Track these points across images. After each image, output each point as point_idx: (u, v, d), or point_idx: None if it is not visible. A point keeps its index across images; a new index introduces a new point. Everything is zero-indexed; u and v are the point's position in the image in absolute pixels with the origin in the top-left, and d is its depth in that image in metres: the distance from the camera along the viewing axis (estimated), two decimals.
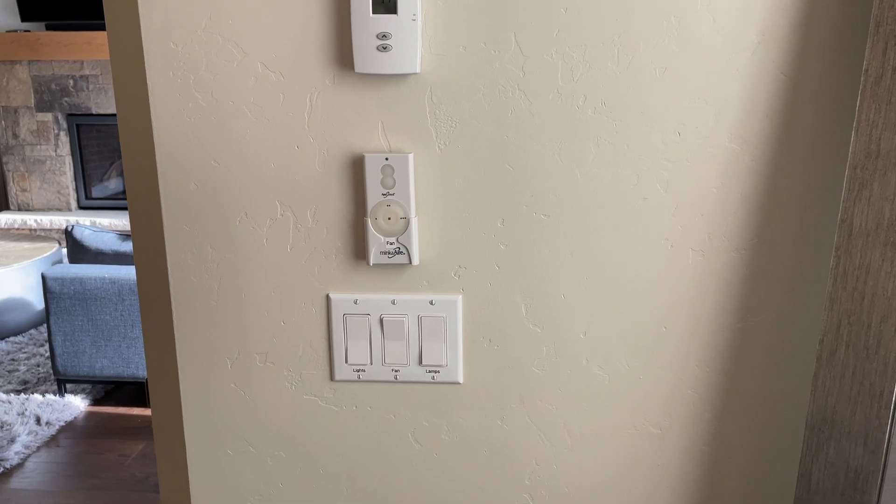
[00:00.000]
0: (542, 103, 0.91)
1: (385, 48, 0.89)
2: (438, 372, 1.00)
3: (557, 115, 0.91)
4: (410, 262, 0.95)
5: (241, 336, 1.02)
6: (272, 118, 0.94)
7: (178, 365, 1.04)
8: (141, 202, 1.01)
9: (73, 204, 6.37)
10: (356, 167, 0.94)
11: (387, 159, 0.92)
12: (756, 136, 0.89)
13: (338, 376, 1.01)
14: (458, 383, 1.01)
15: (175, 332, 1.03)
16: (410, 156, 0.92)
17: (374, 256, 0.95)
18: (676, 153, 0.91)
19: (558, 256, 0.95)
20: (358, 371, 1.01)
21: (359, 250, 0.97)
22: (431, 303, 0.98)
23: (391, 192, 0.93)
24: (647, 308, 0.96)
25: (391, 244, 0.95)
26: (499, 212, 0.94)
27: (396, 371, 1.01)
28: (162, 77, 0.94)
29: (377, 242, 0.95)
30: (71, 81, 6.09)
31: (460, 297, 0.98)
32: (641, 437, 1.00)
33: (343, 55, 0.91)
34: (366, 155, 0.93)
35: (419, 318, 0.98)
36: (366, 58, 0.89)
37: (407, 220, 0.94)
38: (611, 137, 0.91)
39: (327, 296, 0.99)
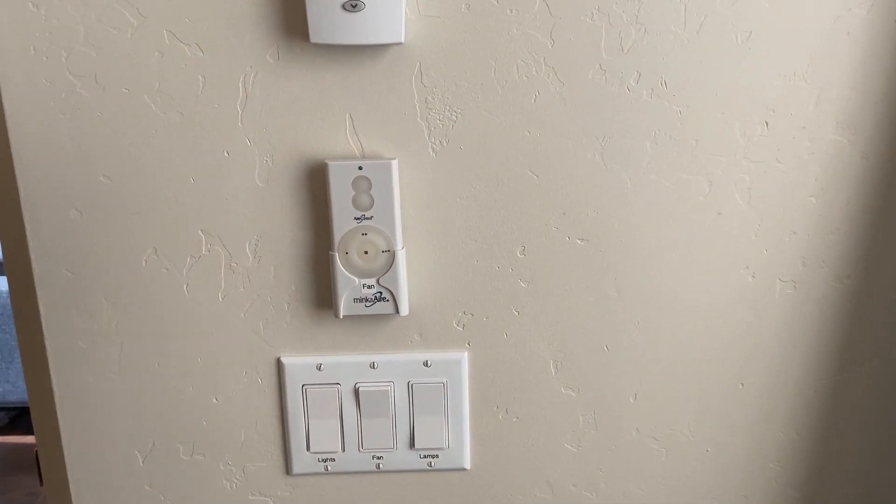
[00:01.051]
0: (578, 84, 0.64)
1: (354, 6, 0.60)
2: (437, 457, 0.73)
3: (600, 100, 0.64)
4: (397, 312, 0.67)
5: (157, 421, 0.72)
6: (188, 112, 0.64)
7: (66, 465, 0.73)
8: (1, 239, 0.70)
9: None
10: (315, 180, 0.66)
11: (360, 168, 0.64)
12: (869, 126, 0.65)
13: (297, 469, 0.73)
14: (464, 470, 0.74)
15: (59, 420, 0.72)
16: (394, 162, 0.65)
17: (345, 306, 0.67)
18: (762, 150, 0.66)
19: (600, 295, 0.69)
20: (325, 461, 0.73)
21: (322, 296, 0.69)
22: (426, 364, 0.70)
23: (367, 214, 0.65)
24: (717, 359, 0.71)
25: (369, 288, 0.67)
26: (518, 237, 0.68)
27: (379, 459, 0.73)
28: (17, 55, 0.63)
29: (349, 286, 0.67)
30: None
31: (466, 354, 0.71)
32: None
33: (292, 19, 0.62)
34: (329, 164, 0.64)
35: (409, 386, 0.71)
36: (326, 22, 0.61)
37: (391, 253, 0.66)
38: (673, 130, 0.65)
39: (278, 360, 0.71)
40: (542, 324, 0.70)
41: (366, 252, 0.66)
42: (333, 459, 0.73)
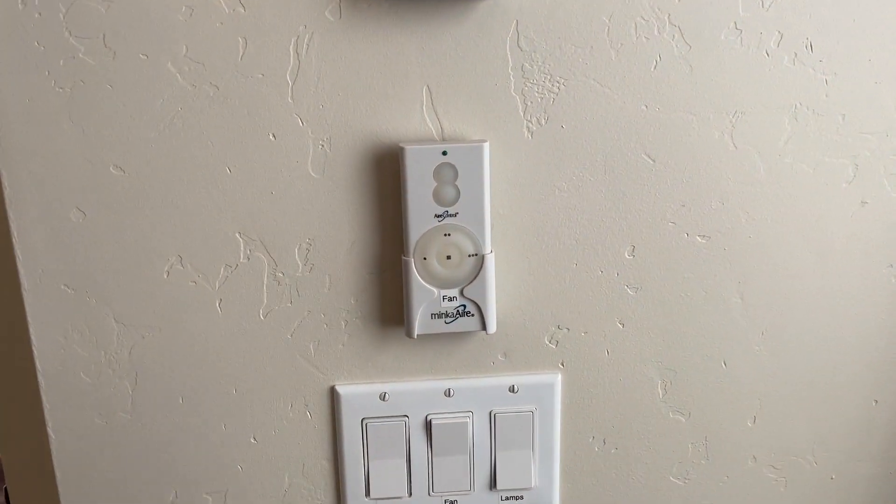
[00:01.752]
0: (708, 47, 0.52)
1: None
2: (521, 498, 0.61)
3: (733, 67, 0.53)
4: (483, 329, 0.55)
5: (180, 467, 0.59)
6: (224, 84, 0.51)
7: None
8: None
9: None
10: (384, 169, 0.53)
11: (445, 154, 0.52)
12: None
13: None
14: None
15: (56, 472, 0.58)
16: (485, 145, 0.52)
17: (420, 324, 0.54)
18: None
19: (721, 302, 0.58)
20: None
21: (387, 312, 0.56)
22: (513, 389, 0.58)
23: (452, 211, 0.53)
24: (850, 374, 0.60)
25: (450, 300, 0.54)
26: (627, 234, 0.56)
27: (453, 503, 0.61)
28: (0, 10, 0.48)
29: (427, 299, 0.54)
30: None
31: (559, 376, 0.59)
32: None
33: None
34: (406, 148, 0.51)
35: (492, 417, 0.59)
36: None
37: (479, 257, 0.54)
38: (817, 103, 0.54)
39: (332, 389, 0.58)
40: (651, 338, 0.58)
41: (448, 257, 0.53)
42: None
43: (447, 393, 0.58)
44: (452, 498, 0.61)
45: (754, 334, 0.59)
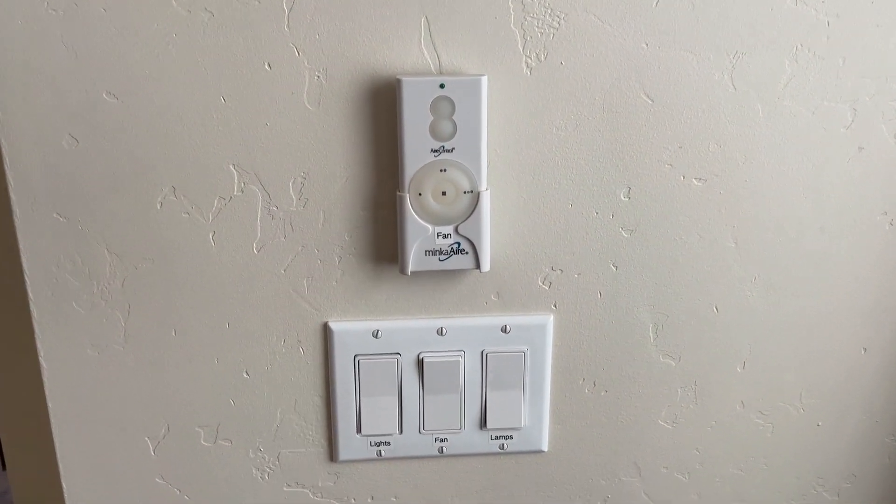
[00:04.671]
0: None
1: None
2: (511, 438, 0.62)
3: (735, 5, 0.52)
4: (477, 267, 0.55)
5: (172, 401, 0.59)
6: (218, 10, 0.50)
7: (58, 456, 0.60)
8: None
9: None
10: (380, 102, 0.53)
11: (442, 87, 0.51)
12: None
13: (343, 455, 0.61)
14: (542, 452, 0.63)
15: (48, 402, 0.58)
16: (483, 79, 0.51)
17: (414, 260, 0.54)
18: None
19: (715, 246, 0.58)
20: (378, 445, 0.61)
21: (382, 249, 0.56)
22: (505, 329, 0.59)
23: (448, 146, 0.52)
24: (841, 321, 0.61)
25: (445, 237, 0.54)
26: (623, 175, 0.56)
27: (443, 441, 0.61)
28: None
29: (421, 235, 0.54)
30: None
31: (551, 317, 0.59)
32: None
33: None
34: (403, 80, 0.51)
35: (483, 356, 0.59)
36: None
37: (474, 194, 0.53)
38: (818, 45, 0.54)
39: (325, 326, 0.58)
40: (644, 281, 0.58)
41: (443, 193, 0.53)
42: (388, 443, 0.61)
43: (440, 332, 0.58)
44: (443, 436, 0.61)
45: (747, 279, 0.59)
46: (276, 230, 0.55)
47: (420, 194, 0.53)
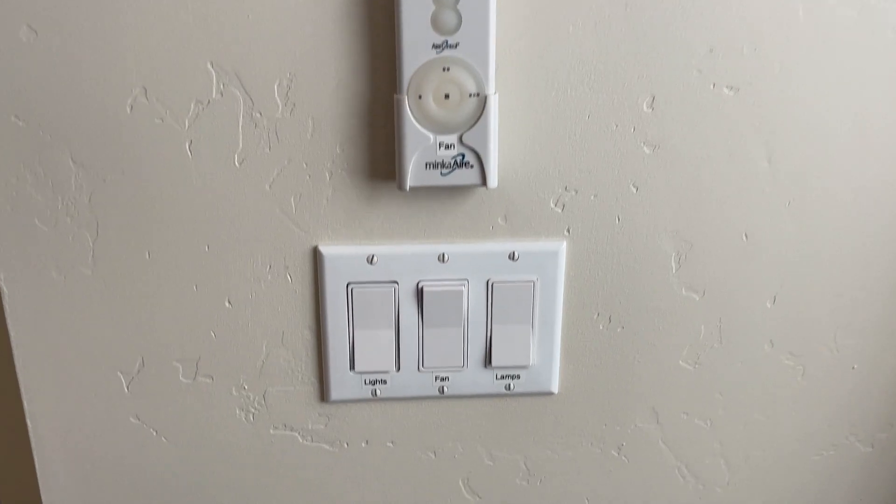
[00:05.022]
0: None
1: None
2: (518, 377, 0.57)
3: None
4: (483, 183, 0.50)
5: (147, 332, 0.54)
6: None
7: (22, 393, 0.55)
8: None
9: None
10: None
11: None
12: None
13: (335, 394, 0.56)
14: (551, 394, 0.58)
15: (10, 331, 0.53)
16: None
17: (413, 174, 0.49)
18: None
19: (747, 165, 0.52)
20: (373, 383, 0.56)
21: (379, 162, 0.51)
22: (513, 257, 0.53)
23: (452, 41, 0.46)
24: (882, 254, 0.55)
25: (448, 148, 0.49)
26: (647, 83, 0.50)
27: (444, 381, 0.56)
28: None
29: (421, 145, 0.48)
30: None
31: (564, 244, 0.54)
32: (844, 458, 0.62)
33: None
34: None
35: (489, 286, 0.54)
36: None
37: (480, 98, 0.48)
38: None
39: (315, 250, 0.53)
40: (667, 204, 0.53)
41: (447, 96, 0.47)
42: (384, 382, 0.56)
43: (441, 258, 0.53)
44: (444, 374, 0.56)
45: (780, 204, 0.53)
46: (260, 140, 0.49)
47: (420, 97, 0.47)
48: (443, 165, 0.49)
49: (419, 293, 0.53)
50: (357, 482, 0.59)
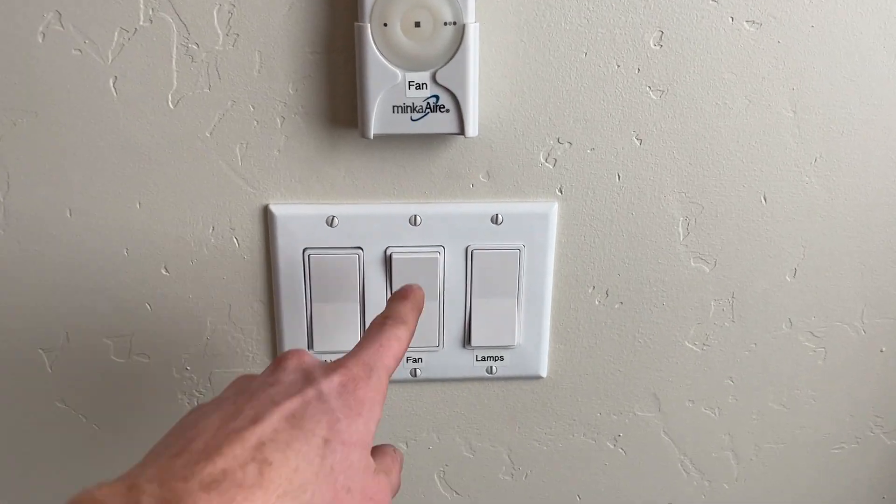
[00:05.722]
0: None
1: None
2: (501, 359, 0.49)
3: None
4: (462, 132, 0.42)
5: (71, 303, 0.46)
6: None
7: None
8: None
9: None
10: None
11: None
12: None
13: None
14: (539, 378, 0.51)
15: None
16: None
17: (378, 119, 0.41)
18: None
19: (768, 113, 0.45)
20: None
21: (340, 109, 0.43)
22: (496, 220, 0.46)
23: None
24: None
25: (419, 88, 0.41)
26: (655, 15, 0.42)
27: (416, 362, 0.49)
28: None
29: (387, 84, 0.41)
30: None
31: (556, 205, 0.46)
32: (867, 452, 0.55)
33: None
34: None
35: (468, 254, 0.46)
36: None
37: (458, 27, 0.40)
38: None
39: (266, 209, 0.45)
40: (674, 160, 0.46)
41: (417, 24, 0.40)
42: None
43: (413, 220, 0.46)
44: (416, 355, 0.49)
45: (805, 161, 0.46)
46: (198, 77, 0.42)
47: (385, 24, 0.40)
48: (413, 109, 0.41)
49: (387, 261, 0.46)
50: None
